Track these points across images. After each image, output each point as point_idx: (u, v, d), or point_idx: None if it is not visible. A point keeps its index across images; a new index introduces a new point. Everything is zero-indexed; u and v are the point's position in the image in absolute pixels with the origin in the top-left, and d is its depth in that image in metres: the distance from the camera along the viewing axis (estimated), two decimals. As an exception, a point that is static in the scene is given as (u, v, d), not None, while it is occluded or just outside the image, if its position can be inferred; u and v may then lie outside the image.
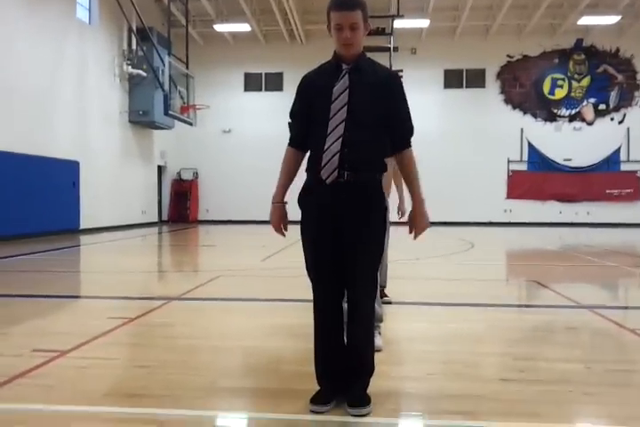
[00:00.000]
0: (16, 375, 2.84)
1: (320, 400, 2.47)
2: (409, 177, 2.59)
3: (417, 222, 2.57)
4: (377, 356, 2.68)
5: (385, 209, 2.60)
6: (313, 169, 2.51)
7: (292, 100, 2.63)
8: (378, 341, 3.36)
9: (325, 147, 2.44)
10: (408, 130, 2.59)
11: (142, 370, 3.03)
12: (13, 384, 2.74)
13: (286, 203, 2.67)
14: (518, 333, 4.05)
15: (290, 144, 2.65)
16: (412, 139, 2.62)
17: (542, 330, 4.15)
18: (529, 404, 2.54)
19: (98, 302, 5.26)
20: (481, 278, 6.88)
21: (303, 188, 2.57)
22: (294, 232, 2.73)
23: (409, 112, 2.59)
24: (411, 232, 2.62)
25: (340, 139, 2.43)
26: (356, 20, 2.44)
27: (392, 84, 2.54)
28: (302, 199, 2.57)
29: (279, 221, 2.66)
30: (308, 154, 2.62)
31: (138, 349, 3.57)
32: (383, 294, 4.81)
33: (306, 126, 2.56)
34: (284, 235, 2.71)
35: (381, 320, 3.72)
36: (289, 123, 2.70)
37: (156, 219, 19.56)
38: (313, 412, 2.43)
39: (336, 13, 2.45)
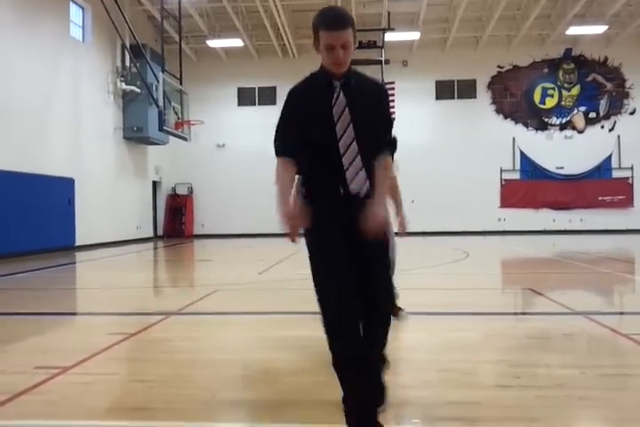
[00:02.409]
0: (20, 392, 2.88)
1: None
2: (378, 179, 2.54)
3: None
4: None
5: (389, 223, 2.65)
6: (325, 184, 2.49)
7: (280, 122, 2.56)
8: None
9: (345, 166, 2.44)
10: (391, 139, 2.66)
11: (143, 384, 3.06)
12: (17, 401, 2.77)
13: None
14: (514, 340, 4.10)
15: (284, 154, 2.53)
16: (405, 149, 2.70)
17: (537, 337, 4.19)
18: (526, 409, 2.59)
19: (97, 318, 5.29)
20: (476, 287, 6.93)
21: (311, 201, 2.52)
22: (290, 246, 2.77)
23: (392, 121, 2.65)
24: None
25: (359, 156, 2.45)
26: (347, 39, 2.38)
27: (380, 95, 2.60)
28: (314, 213, 2.48)
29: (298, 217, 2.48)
30: (299, 175, 2.59)
31: (138, 364, 3.60)
32: (397, 310, 4.55)
33: (298, 139, 2.51)
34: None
35: None
36: (276, 136, 2.60)
37: (151, 234, 19.57)
38: None
39: (327, 33, 2.37)
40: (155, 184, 20.10)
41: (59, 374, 3.21)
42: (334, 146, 2.45)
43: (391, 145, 2.67)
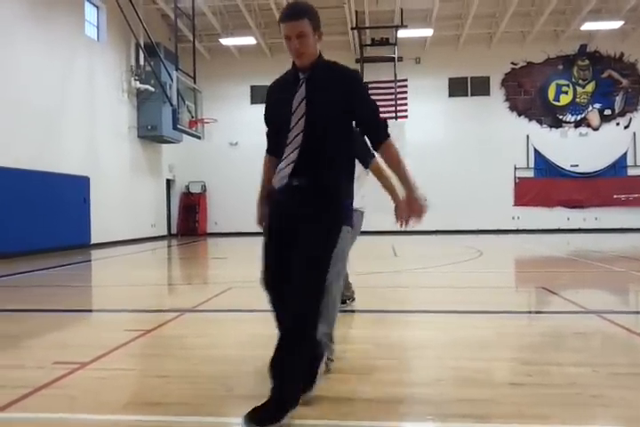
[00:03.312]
0: (39, 387, 2.94)
1: None
2: (394, 167, 2.59)
3: (410, 206, 2.52)
4: (388, 363, 2.74)
5: (338, 212, 2.59)
6: (276, 174, 2.65)
7: None
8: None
9: (284, 156, 2.57)
10: (379, 123, 2.60)
11: (160, 380, 3.12)
12: (37, 395, 2.84)
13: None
14: (527, 338, 4.11)
15: (266, 151, 2.85)
16: (418, 147, 2.70)
17: (550, 336, 4.20)
18: (537, 407, 2.61)
19: (113, 315, 5.36)
20: (489, 286, 6.93)
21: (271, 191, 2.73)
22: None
23: (375, 107, 2.60)
24: (398, 220, 2.66)
25: (298, 149, 2.52)
26: (301, 28, 2.45)
27: (351, 84, 2.55)
28: (270, 200, 2.74)
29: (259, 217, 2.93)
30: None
31: (155, 359, 3.66)
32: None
33: (274, 134, 2.70)
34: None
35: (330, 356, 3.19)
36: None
37: (165, 232, 19.71)
38: None
39: (282, 24, 2.49)
40: (168, 182, 20.24)
41: (77, 370, 3.27)
42: (286, 138, 2.56)
43: (381, 129, 2.60)
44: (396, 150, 2.60)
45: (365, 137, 2.69)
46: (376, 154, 2.74)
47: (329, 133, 2.53)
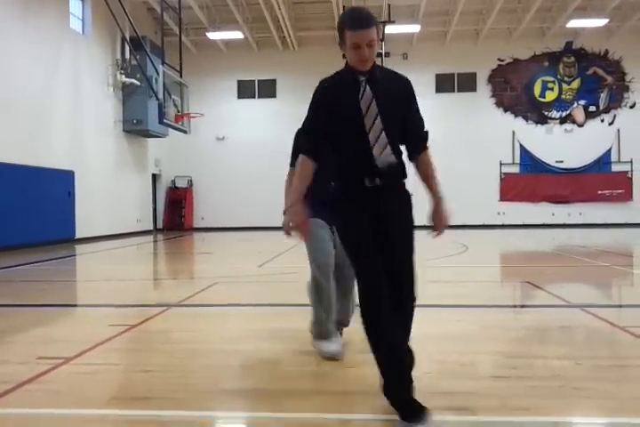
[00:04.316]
0: (23, 382, 2.92)
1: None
2: (429, 176, 2.69)
3: (442, 220, 2.66)
4: (372, 357, 2.75)
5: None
6: (353, 176, 2.57)
7: (310, 112, 2.63)
8: (332, 346, 3.37)
9: (375, 155, 2.52)
10: (425, 133, 2.71)
11: (145, 374, 3.11)
12: (21, 390, 2.82)
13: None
14: (511, 332, 4.14)
15: (307, 154, 2.62)
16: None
17: (535, 329, 4.24)
18: (520, 399, 2.64)
19: (98, 310, 5.33)
20: (475, 280, 6.98)
21: (341, 195, 2.62)
22: (289, 239, 2.82)
23: (421, 116, 2.70)
24: (434, 230, 2.69)
25: (389, 146, 2.54)
26: (372, 37, 2.44)
27: (408, 88, 2.64)
28: (342, 205, 2.61)
29: (304, 219, 2.62)
30: (340, 161, 2.64)
31: (140, 354, 3.64)
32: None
33: (322, 139, 2.62)
34: (307, 235, 2.67)
35: (347, 324, 3.71)
36: (304, 133, 2.71)
37: (151, 227, 19.61)
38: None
39: (352, 32, 2.43)
40: (154, 177, 20.12)
41: (61, 365, 3.25)
42: (364, 138, 2.52)
43: (426, 140, 2.71)
44: (432, 161, 2.68)
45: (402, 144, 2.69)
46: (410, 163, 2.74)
47: (399, 131, 2.60)
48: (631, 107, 20.15)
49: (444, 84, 20.56)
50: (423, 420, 2.31)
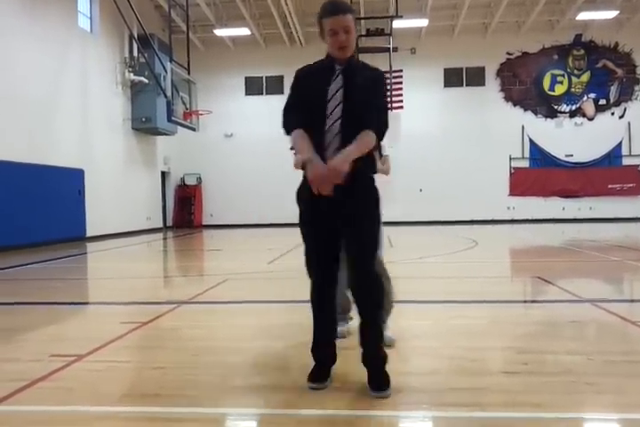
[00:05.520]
0: (37, 379, 2.95)
1: (317, 378, 2.77)
2: (356, 143, 2.59)
3: (332, 161, 2.57)
4: (391, 356, 2.78)
5: (378, 200, 2.78)
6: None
7: (289, 94, 2.79)
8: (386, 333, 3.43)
9: (326, 143, 2.63)
10: (379, 118, 2.68)
11: (157, 371, 3.12)
12: (35, 388, 2.84)
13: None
14: (522, 327, 4.13)
15: (297, 127, 2.68)
16: (413, 137, 2.75)
17: (545, 324, 4.22)
18: (531, 395, 2.63)
19: (109, 307, 5.37)
20: (485, 276, 6.95)
21: (303, 182, 2.72)
22: (298, 235, 2.82)
23: (386, 106, 2.79)
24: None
25: (340, 135, 2.62)
26: (348, 22, 2.62)
27: (377, 80, 2.76)
28: (303, 193, 2.72)
29: (325, 171, 2.56)
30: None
31: (151, 351, 3.66)
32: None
33: (303, 115, 2.70)
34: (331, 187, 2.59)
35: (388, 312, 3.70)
36: (283, 113, 2.79)
37: (160, 225, 19.69)
38: (312, 388, 2.72)
39: (329, 19, 2.62)
40: (163, 175, 20.19)
41: (74, 362, 3.27)
42: (323, 124, 2.63)
43: (380, 129, 2.69)
44: (371, 142, 2.65)
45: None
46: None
47: (363, 124, 2.64)
48: (642, 100, 19.97)
49: (453, 78, 20.47)
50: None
